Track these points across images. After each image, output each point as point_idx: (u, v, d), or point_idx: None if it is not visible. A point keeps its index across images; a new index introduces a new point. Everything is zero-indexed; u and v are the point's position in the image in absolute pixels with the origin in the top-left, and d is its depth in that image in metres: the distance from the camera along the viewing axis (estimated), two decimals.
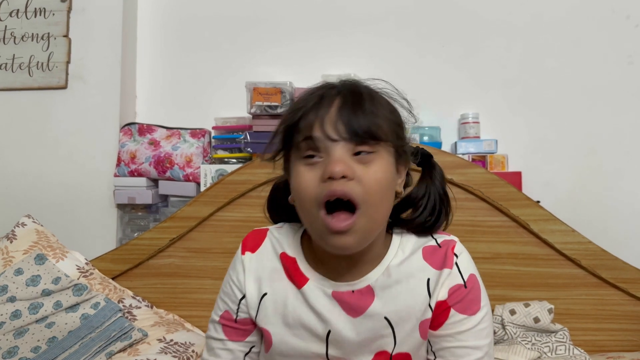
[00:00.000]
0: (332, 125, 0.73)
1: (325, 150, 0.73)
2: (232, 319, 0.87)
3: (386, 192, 0.75)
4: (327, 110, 0.74)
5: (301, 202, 0.76)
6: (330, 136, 0.72)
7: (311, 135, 0.74)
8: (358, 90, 0.77)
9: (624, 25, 1.94)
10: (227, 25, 2.12)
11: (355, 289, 0.80)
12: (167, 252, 1.71)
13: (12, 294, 1.48)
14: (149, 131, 2.01)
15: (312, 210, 0.74)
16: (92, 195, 2.00)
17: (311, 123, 0.74)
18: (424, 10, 2.03)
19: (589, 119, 1.93)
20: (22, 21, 2.08)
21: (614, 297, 1.55)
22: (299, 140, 0.75)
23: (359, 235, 0.73)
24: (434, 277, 0.80)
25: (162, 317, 1.62)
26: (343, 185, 0.71)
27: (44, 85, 2.05)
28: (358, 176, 0.72)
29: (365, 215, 0.72)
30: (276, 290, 0.84)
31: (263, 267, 0.86)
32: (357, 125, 0.72)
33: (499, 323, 1.52)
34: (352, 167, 0.72)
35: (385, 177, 0.75)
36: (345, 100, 0.74)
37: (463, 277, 0.80)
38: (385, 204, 0.76)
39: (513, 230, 1.58)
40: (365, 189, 0.72)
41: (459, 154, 1.87)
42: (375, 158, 0.74)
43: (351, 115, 0.73)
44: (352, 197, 0.71)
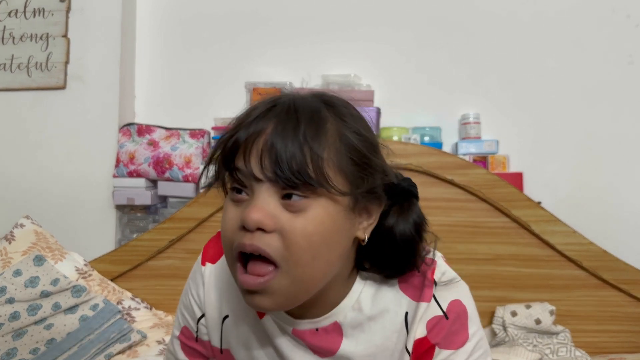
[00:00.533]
0: (256, 160, 0.57)
1: (250, 188, 0.59)
2: (193, 337, 0.77)
3: (322, 247, 0.59)
4: (256, 136, 0.58)
5: (223, 246, 0.63)
6: (253, 173, 0.58)
7: (235, 166, 0.60)
8: (297, 112, 0.59)
9: (624, 24, 1.93)
10: (226, 26, 2.11)
11: (320, 327, 0.68)
12: (167, 253, 1.70)
13: (11, 295, 1.48)
14: (148, 132, 2.00)
15: (230, 259, 0.62)
16: (90, 196, 2.00)
17: (237, 151, 0.59)
18: (425, 10, 2.03)
19: (590, 119, 1.93)
20: (20, 21, 2.07)
21: (615, 298, 1.55)
22: (223, 171, 0.62)
23: (279, 298, 0.59)
24: (411, 310, 0.67)
25: (161, 318, 1.62)
26: (256, 240, 0.57)
27: (43, 85, 2.04)
28: (280, 228, 0.57)
29: (287, 276, 0.58)
30: (238, 314, 0.73)
31: (223, 283, 0.74)
32: (287, 163, 0.56)
33: (500, 325, 1.51)
34: (274, 215, 0.57)
35: (321, 230, 0.58)
36: (278, 126, 0.58)
37: (442, 307, 0.67)
38: (321, 261, 0.59)
39: (514, 231, 1.58)
40: (288, 243, 0.57)
41: (459, 154, 1.86)
42: (310, 205, 0.58)
43: (281, 148, 0.56)
44: (267, 255, 0.57)
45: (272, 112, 0.59)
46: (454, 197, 1.58)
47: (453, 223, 1.59)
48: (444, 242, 1.62)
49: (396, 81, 2.01)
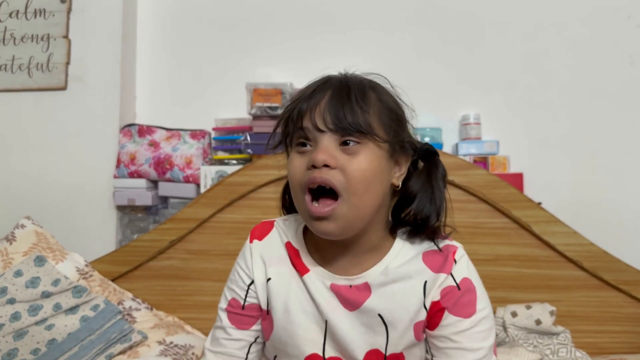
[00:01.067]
0: (320, 117, 0.75)
1: (314, 140, 0.76)
2: (240, 305, 0.89)
3: (372, 182, 0.76)
4: (318, 102, 0.76)
5: (292, 188, 0.80)
6: (318, 126, 0.75)
7: (302, 126, 0.77)
8: (348, 84, 0.78)
9: (626, 25, 1.93)
10: (227, 26, 2.12)
11: (353, 284, 0.82)
12: (167, 253, 1.70)
13: (12, 296, 1.48)
14: (148, 132, 2.00)
15: (299, 195, 0.77)
16: (91, 197, 2.00)
17: (303, 114, 0.77)
18: (425, 11, 2.03)
19: (591, 120, 1.93)
20: (21, 22, 2.07)
21: (615, 299, 1.55)
22: (293, 130, 0.79)
23: (341, 223, 0.75)
24: (430, 280, 0.81)
25: (161, 319, 1.62)
26: (324, 174, 0.73)
27: (44, 86, 2.04)
28: (341, 165, 0.74)
29: (348, 203, 0.74)
30: (280, 275, 0.86)
31: (270, 253, 0.88)
32: (343, 117, 0.74)
33: (500, 325, 1.51)
34: (335, 156, 0.74)
35: (371, 168, 0.75)
36: (335, 94, 0.77)
37: (456, 280, 0.81)
38: (371, 193, 0.76)
39: (514, 231, 1.58)
40: (348, 177, 0.74)
41: (460, 155, 1.86)
42: (362, 149, 0.75)
43: (338, 107, 0.75)
44: (333, 185, 0.73)
45: (328, 84, 0.79)
46: (455, 198, 1.57)
47: (453, 224, 1.58)
48: None
49: (396, 81, 2.00)
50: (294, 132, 0.79)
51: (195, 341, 1.51)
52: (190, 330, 1.63)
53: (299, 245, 0.87)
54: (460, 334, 0.79)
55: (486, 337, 0.80)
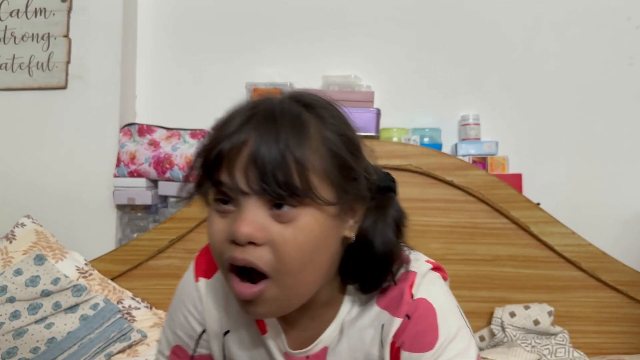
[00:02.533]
0: (242, 173, 0.56)
1: (236, 201, 0.58)
2: (188, 356, 0.77)
3: (312, 255, 0.59)
4: (239, 148, 0.57)
5: (214, 255, 0.63)
6: (239, 187, 0.57)
7: (219, 180, 0.58)
8: (276, 122, 0.58)
9: (625, 26, 1.94)
10: (227, 26, 2.12)
11: (311, 354, 0.70)
12: (167, 252, 1.71)
13: (12, 295, 1.48)
14: (148, 132, 2.01)
15: (223, 268, 0.62)
16: (91, 196, 2.00)
17: (219, 163, 0.58)
18: (424, 11, 2.03)
19: (590, 121, 1.93)
20: (22, 21, 2.07)
21: (614, 299, 1.55)
22: (206, 184, 0.61)
23: (273, 306, 0.61)
24: (387, 322, 0.67)
25: (161, 318, 1.62)
26: (247, 254, 0.57)
27: (44, 85, 2.04)
28: (271, 240, 0.57)
29: (279, 286, 0.59)
30: (239, 329, 0.73)
31: (222, 297, 0.73)
32: (271, 176, 0.55)
33: (498, 325, 1.52)
34: (264, 227, 0.57)
35: (312, 239, 0.58)
36: (260, 137, 0.56)
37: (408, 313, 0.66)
38: (311, 269, 0.61)
39: (513, 232, 1.58)
40: (279, 255, 0.57)
41: (459, 155, 1.87)
42: (299, 214, 0.57)
43: (265, 160, 0.55)
44: (259, 268, 0.58)
45: (253, 121, 0.58)
46: (453, 198, 1.59)
47: (452, 224, 1.59)
48: (443, 242, 1.63)
49: (396, 82, 2.02)
50: (211, 184, 0.60)
51: None
52: None
53: None
54: None
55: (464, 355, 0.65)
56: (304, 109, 0.61)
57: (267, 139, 0.56)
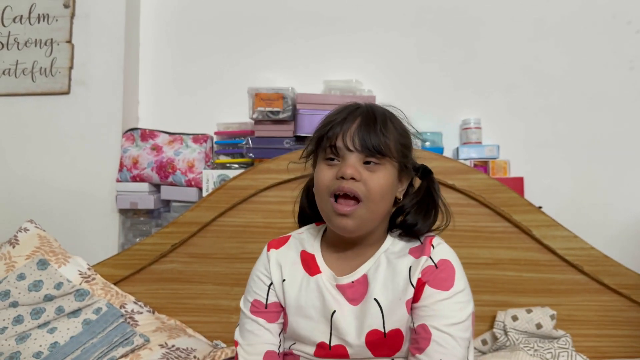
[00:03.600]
0: (350, 139, 0.93)
1: (342, 156, 0.94)
2: (263, 305, 1.02)
3: (385, 194, 0.94)
4: (349, 126, 0.94)
5: (318, 191, 0.96)
6: (348, 146, 0.93)
7: (335, 144, 0.94)
8: (374, 114, 0.96)
9: (625, 30, 1.94)
10: (229, 31, 2.13)
11: (355, 280, 0.98)
12: (169, 257, 1.71)
13: (15, 299, 1.49)
14: (151, 136, 2.01)
15: (325, 197, 0.94)
16: (94, 201, 2.01)
17: (336, 134, 0.94)
18: (425, 16, 2.04)
19: (591, 125, 1.93)
20: (25, 27, 2.09)
21: (616, 303, 1.55)
22: (326, 146, 0.95)
23: (358, 221, 0.92)
24: (414, 264, 0.95)
25: (163, 322, 1.62)
26: (350, 184, 0.91)
27: (47, 90, 2.06)
28: (364, 179, 0.92)
29: (365, 207, 0.92)
30: (293, 277, 1.02)
31: (284, 260, 1.04)
32: (369, 142, 0.92)
33: (501, 329, 1.52)
34: (360, 171, 0.92)
35: (387, 184, 0.94)
36: (363, 121, 0.94)
37: (433, 260, 0.94)
38: (384, 202, 0.95)
39: (515, 236, 1.58)
40: (368, 189, 0.92)
41: (460, 159, 1.87)
42: (380, 168, 0.93)
43: (365, 133, 0.93)
44: (357, 194, 0.91)
45: (357, 112, 0.96)
46: (455, 202, 1.59)
47: (454, 228, 1.57)
48: None
49: (397, 86, 2.02)
50: (326, 147, 0.95)
51: (197, 344, 1.52)
52: (192, 334, 1.64)
53: (315, 250, 1.03)
54: (439, 304, 0.92)
55: (463, 307, 0.92)
56: (388, 113, 0.99)
57: (367, 122, 0.94)
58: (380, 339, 0.94)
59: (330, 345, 0.97)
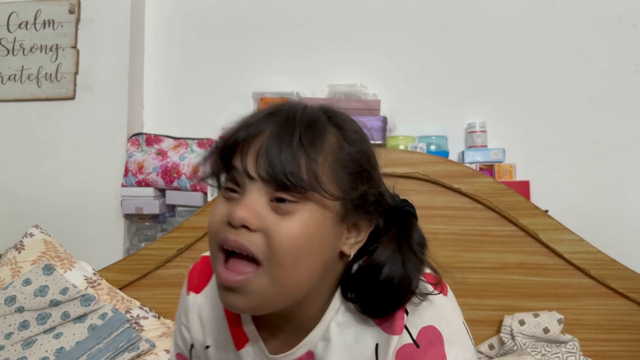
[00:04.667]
0: (253, 158, 0.59)
1: (243, 187, 0.60)
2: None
3: (305, 252, 0.59)
4: (254, 138, 0.60)
5: (209, 240, 0.63)
6: (247, 171, 0.59)
7: (231, 165, 0.61)
8: (295, 119, 0.60)
9: (630, 33, 1.94)
10: (234, 36, 2.13)
11: (295, 358, 0.68)
12: (175, 262, 1.71)
13: (21, 304, 1.49)
14: (156, 141, 2.02)
15: (214, 252, 0.62)
16: (99, 206, 2.01)
17: (235, 150, 0.61)
18: (430, 19, 2.04)
19: (596, 128, 1.93)
20: (31, 33, 2.10)
21: (624, 307, 1.54)
22: (219, 168, 0.63)
23: (255, 299, 0.59)
24: (382, 342, 0.64)
25: (169, 327, 1.62)
26: (240, 236, 0.58)
27: (52, 96, 2.06)
28: (265, 228, 0.58)
29: (268, 276, 0.58)
30: (218, 344, 0.74)
31: (207, 313, 0.75)
32: (279, 165, 0.57)
33: (508, 333, 1.51)
34: (260, 214, 0.58)
35: (306, 233, 0.58)
36: (277, 131, 0.59)
37: (412, 335, 0.63)
38: (303, 267, 0.59)
39: (522, 239, 1.58)
40: (272, 244, 0.57)
41: (466, 163, 1.86)
42: (298, 210, 0.58)
43: (276, 151, 0.58)
44: (249, 251, 0.58)
45: (273, 116, 0.61)
46: (461, 206, 1.59)
47: (460, 232, 1.59)
48: (451, 250, 1.62)
49: (402, 90, 2.02)
50: (222, 169, 0.63)
51: None
52: None
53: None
54: None
55: None
56: (325, 117, 0.63)
57: (283, 132, 0.59)
58: None
59: None
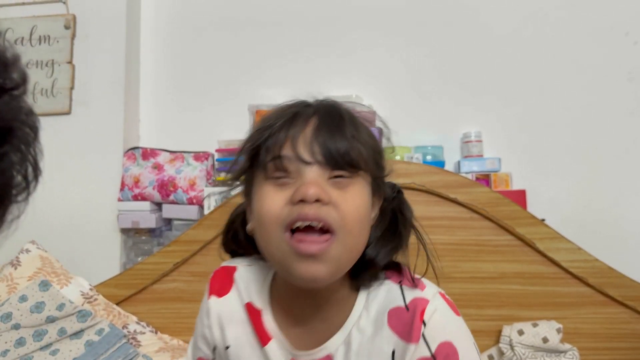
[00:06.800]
0: (305, 146, 0.65)
1: (296, 173, 0.65)
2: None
3: (364, 220, 0.67)
4: (300, 129, 0.66)
5: (263, 226, 0.66)
6: (302, 157, 0.65)
7: (280, 155, 0.65)
8: (338, 111, 0.69)
9: (623, 42, 1.95)
10: (228, 49, 2.14)
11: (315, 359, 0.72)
12: (172, 276, 1.70)
13: (17, 321, 1.48)
14: (152, 155, 2.02)
15: (275, 234, 0.65)
16: (96, 220, 2.01)
17: (281, 142, 0.66)
18: (425, 30, 2.05)
19: (591, 136, 1.94)
20: (26, 48, 2.10)
21: (622, 315, 1.54)
22: (266, 160, 0.66)
23: (332, 265, 0.64)
24: (399, 349, 0.68)
25: (166, 342, 1.61)
26: (317, 210, 0.62)
27: (48, 111, 2.06)
28: (334, 201, 0.64)
29: (342, 243, 0.64)
30: (239, 344, 0.77)
31: (227, 317, 0.78)
32: (335, 148, 0.64)
33: (507, 344, 1.50)
34: (327, 191, 0.64)
35: (364, 205, 0.67)
36: (323, 121, 0.67)
37: (430, 347, 0.67)
38: (363, 234, 0.67)
39: (519, 249, 1.58)
40: (342, 214, 0.64)
41: (462, 173, 1.87)
42: (352, 184, 0.66)
43: (328, 137, 0.65)
44: (328, 223, 0.63)
45: (310, 108, 0.70)
46: (458, 216, 1.59)
47: (457, 242, 1.59)
48: (449, 260, 1.62)
49: (397, 101, 2.03)
50: (266, 163, 0.67)
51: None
52: None
53: (263, 303, 0.76)
54: None
55: None
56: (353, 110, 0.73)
57: (331, 122, 0.67)
58: None
59: None
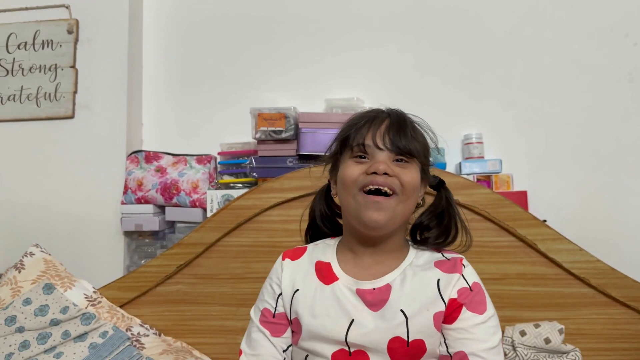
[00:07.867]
0: (380, 138, 0.96)
1: (372, 155, 0.96)
2: (271, 314, 1.03)
3: (415, 190, 0.97)
4: (378, 126, 0.98)
5: (346, 186, 0.97)
6: (378, 145, 0.96)
7: (364, 143, 0.97)
8: (403, 117, 1.01)
9: (623, 43, 1.96)
10: (230, 53, 2.16)
11: (376, 287, 0.97)
12: (175, 278, 1.71)
13: (21, 324, 1.49)
14: (155, 158, 2.03)
15: (353, 191, 0.96)
16: (99, 223, 2.02)
17: (364, 133, 0.98)
18: (426, 32, 2.06)
19: (592, 137, 1.94)
20: (30, 53, 2.12)
21: (624, 315, 1.54)
22: (353, 145, 0.98)
23: (389, 214, 0.93)
24: (443, 279, 0.97)
25: (170, 344, 1.62)
26: (385, 179, 0.93)
27: (52, 115, 2.08)
28: (397, 174, 0.94)
29: (399, 202, 0.94)
30: (307, 287, 1.01)
31: (298, 271, 1.04)
32: (399, 142, 0.96)
33: (509, 345, 1.50)
34: (392, 168, 0.94)
35: (416, 179, 0.97)
36: (393, 122, 0.99)
37: (468, 282, 0.97)
38: (413, 199, 0.98)
39: (520, 250, 1.58)
40: (402, 182, 0.94)
41: (463, 174, 1.87)
42: (409, 165, 0.97)
43: (395, 134, 0.96)
44: (392, 187, 0.94)
45: (384, 114, 1.01)
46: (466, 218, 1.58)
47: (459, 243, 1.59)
48: None
49: (398, 102, 2.02)
50: (353, 147, 0.98)
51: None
52: (199, 356, 1.63)
53: (331, 258, 1.03)
54: (475, 327, 0.94)
55: (495, 332, 0.95)
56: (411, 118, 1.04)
57: (399, 124, 0.98)
58: (403, 348, 0.94)
59: (350, 351, 0.95)
